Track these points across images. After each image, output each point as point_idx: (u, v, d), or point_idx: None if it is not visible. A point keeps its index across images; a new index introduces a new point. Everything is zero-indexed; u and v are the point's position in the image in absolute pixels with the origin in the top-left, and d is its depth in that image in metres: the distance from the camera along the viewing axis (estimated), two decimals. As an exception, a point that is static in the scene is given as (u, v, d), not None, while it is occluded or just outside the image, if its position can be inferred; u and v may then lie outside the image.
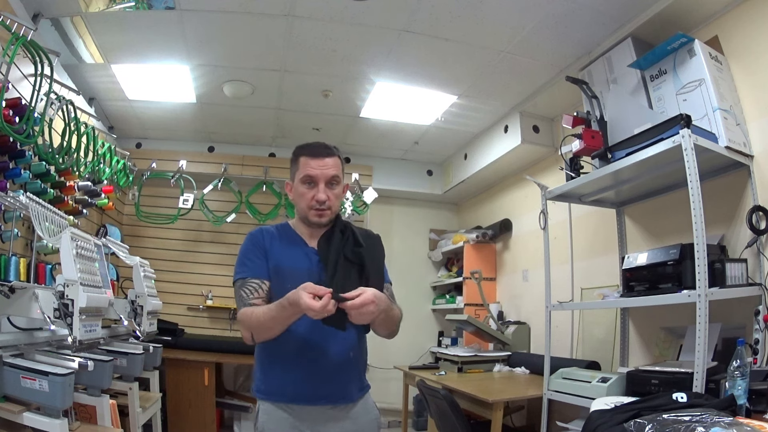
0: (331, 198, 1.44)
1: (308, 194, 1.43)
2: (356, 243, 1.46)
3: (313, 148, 1.47)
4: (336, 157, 1.47)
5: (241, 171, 4.35)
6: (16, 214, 2.09)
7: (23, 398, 1.63)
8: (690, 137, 1.79)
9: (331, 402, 1.40)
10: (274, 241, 1.47)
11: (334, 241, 1.45)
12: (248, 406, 3.83)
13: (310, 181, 1.43)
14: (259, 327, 1.34)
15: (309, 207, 1.44)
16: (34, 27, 2.07)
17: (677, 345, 2.25)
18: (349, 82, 3.31)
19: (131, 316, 2.55)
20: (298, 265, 1.42)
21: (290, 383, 1.39)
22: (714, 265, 1.83)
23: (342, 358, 1.41)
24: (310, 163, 1.43)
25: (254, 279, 1.41)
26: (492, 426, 2.45)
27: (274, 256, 1.44)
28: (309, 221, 1.47)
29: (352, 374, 1.45)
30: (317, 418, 1.39)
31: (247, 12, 2.57)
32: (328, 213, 1.45)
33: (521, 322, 3.72)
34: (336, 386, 1.41)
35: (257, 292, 1.40)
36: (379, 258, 1.50)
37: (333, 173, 1.44)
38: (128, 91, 3.48)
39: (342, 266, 1.40)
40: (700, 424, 1.25)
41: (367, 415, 1.47)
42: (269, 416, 1.39)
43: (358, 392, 1.47)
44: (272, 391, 1.41)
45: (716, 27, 2.26)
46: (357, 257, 1.42)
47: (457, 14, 2.52)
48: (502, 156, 3.76)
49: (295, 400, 1.38)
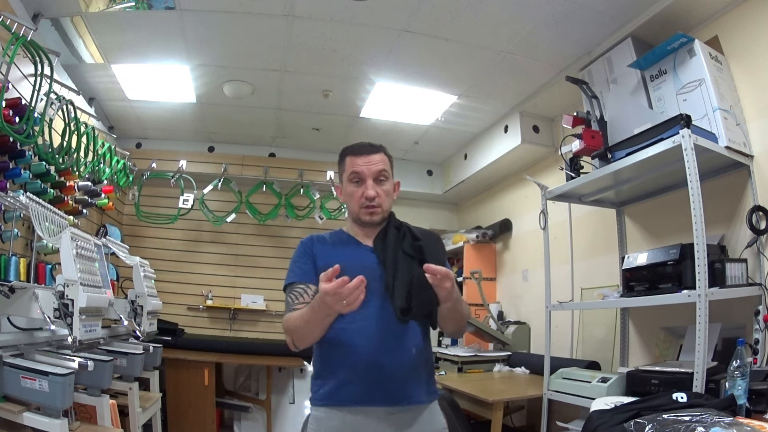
0: (381, 194, 1.39)
1: (357, 192, 1.39)
2: (414, 237, 1.40)
3: (358, 146, 1.43)
4: (382, 153, 1.43)
5: (241, 171, 4.35)
6: (16, 214, 2.09)
7: (23, 398, 1.63)
8: (690, 137, 1.79)
9: (390, 404, 1.29)
10: (325, 245, 1.43)
11: (390, 237, 1.39)
12: (248, 406, 3.84)
13: (357, 178, 1.39)
14: (295, 331, 1.30)
15: (359, 206, 1.39)
16: (34, 27, 2.07)
17: (677, 345, 2.25)
18: (349, 82, 3.31)
19: (131, 316, 2.55)
20: (350, 262, 1.27)
21: (347, 384, 1.30)
22: (714, 265, 1.83)
23: (406, 359, 1.32)
24: (356, 161, 1.40)
25: (300, 284, 1.36)
26: (492, 426, 2.45)
27: (323, 257, 1.38)
28: (361, 221, 1.42)
29: (417, 376, 1.35)
30: (374, 424, 1.28)
31: (247, 12, 2.57)
32: (379, 210, 1.39)
33: (521, 322, 3.72)
34: (398, 387, 1.30)
35: (302, 296, 1.34)
36: (439, 252, 1.43)
37: (380, 168, 1.39)
38: (128, 91, 3.48)
39: (402, 261, 1.34)
40: (700, 424, 1.25)
41: (431, 425, 1.35)
42: (319, 423, 1.32)
43: (425, 396, 1.36)
44: (328, 395, 1.33)
45: (716, 27, 2.26)
46: (417, 251, 1.35)
47: (457, 14, 2.52)
48: (502, 156, 3.76)
49: (353, 402, 1.29)
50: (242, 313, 4.38)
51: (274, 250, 4.53)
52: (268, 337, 4.22)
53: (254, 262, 4.49)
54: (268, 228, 4.48)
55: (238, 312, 4.37)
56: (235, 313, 4.36)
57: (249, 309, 4.37)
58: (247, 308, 4.36)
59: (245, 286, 4.44)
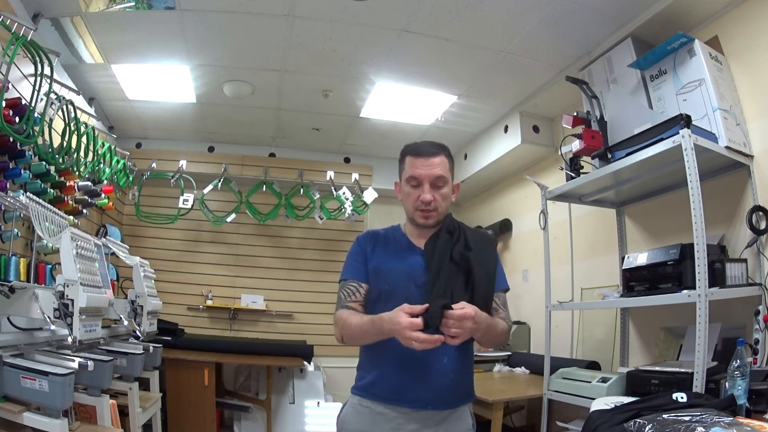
0: (437, 199, 1.41)
1: (413, 194, 1.42)
2: (466, 245, 1.42)
3: (419, 146, 1.44)
4: (443, 155, 1.44)
5: (241, 171, 4.36)
6: (16, 214, 2.09)
7: (23, 398, 1.63)
8: (690, 137, 1.79)
9: (418, 407, 1.36)
10: (378, 244, 1.48)
11: (440, 242, 1.42)
12: (248, 406, 3.83)
13: (416, 182, 1.41)
14: (350, 335, 1.37)
15: (415, 208, 1.42)
16: (34, 27, 2.07)
17: (677, 345, 2.25)
18: (349, 82, 3.31)
19: (131, 316, 2.55)
20: (397, 266, 1.40)
21: (383, 382, 1.38)
22: (714, 265, 1.83)
23: (438, 366, 1.36)
24: (415, 163, 1.42)
25: (352, 281, 1.43)
26: (492, 426, 2.45)
27: (375, 257, 1.44)
28: (416, 222, 1.45)
29: (450, 381, 1.38)
30: (402, 420, 1.36)
31: (247, 12, 2.57)
32: (434, 214, 1.42)
33: (521, 322, 3.72)
34: (428, 392, 1.36)
35: (354, 295, 1.42)
36: (489, 263, 1.44)
37: (438, 173, 1.41)
38: (128, 91, 3.48)
39: (446, 270, 1.37)
40: (700, 424, 1.25)
41: (458, 425, 1.41)
42: (354, 409, 1.42)
43: (456, 401, 1.41)
44: (365, 387, 1.42)
45: (716, 27, 2.26)
46: (464, 261, 1.38)
47: (457, 14, 2.52)
48: (502, 156, 3.76)
49: (385, 399, 1.38)
50: (242, 313, 4.39)
51: (274, 250, 4.53)
52: (268, 337, 4.22)
53: (254, 262, 4.49)
54: (268, 228, 4.49)
55: (238, 312, 4.37)
56: (235, 313, 4.37)
57: (249, 309, 4.37)
58: (247, 308, 4.37)
59: (245, 286, 4.44)
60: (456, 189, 1.50)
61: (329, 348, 4.01)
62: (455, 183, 1.50)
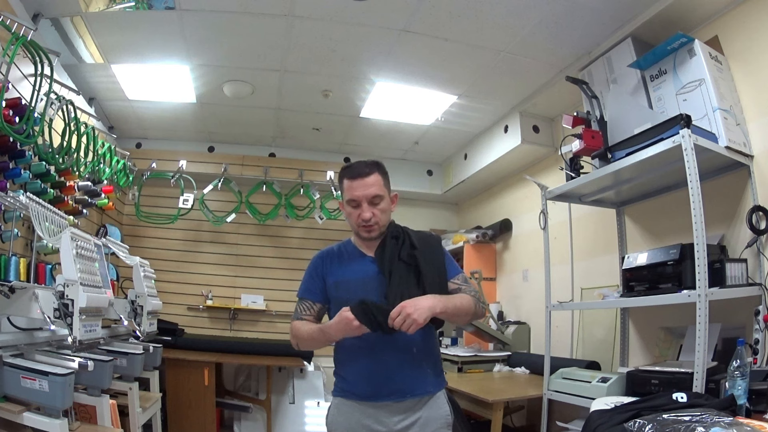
0: (377, 214, 1.54)
1: (354, 214, 1.55)
2: (411, 245, 1.57)
3: (354, 169, 1.57)
4: (376, 173, 1.55)
5: (241, 171, 4.35)
6: (16, 214, 2.09)
7: (23, 398, 1.63)
8: (690, 137, 1.79)
9: (396, 398, 1.48)
10: (334, 261, 1.62)
11: (388, 247, 1.56)
12: (248, 406, 3.83)
13: (354, 203, 1.54)
14: (303, 341, 1.57)
15: (358, 225, 1.56)
16: (34, 27, 2.07)
17: (677, 345, 2.25)
18: (349, 82, 3.31)
19: (131, 316, 2.55)
20: (354, 276, 1.56)
21: (357, 382, 1.52)
22: (714, 265, 1.83)
23: (405, 356, 1.50)
24: (352, 186, 1.54)
25: (307, 300, 1.61)
26: (492, 426, 2.45)
27: (333, 273, 1.59)
28: (361, 236, 1.59)
29: (419, 370, 1.52)
30: (382, 413, 1.48)
31: (247, 12, 2.57)
32: (375, 227, 1.55)
33: (521, 322, 3.72)
34: (401, 383, 1.49)
35: (308, 310, 1.60)
36: (436, 258, 1.58)
37: (374, 192, 1.53)
38: (128, 91, 3.48)
39: (397, 269, 1.51)
40: (700, 424, 1.26)
41: (434, 411, 1.52)
42: (338, 410, 1.55)
43: (431, 387, 1.54)
44: (344, 389, 1.55)
45: (716, 27, 2.26)
46: (412, 259, 1.53)
47: (457, 14, 2.52)
48: (502, 156, 3.76)
49: (363, 398, 1.50)
50: (242, 313, 4.39)
51: (274, 250, 4.53)
52: (268, 337, 4.22)
53: (254, 262, 4.49)
54: (268, 228, 4.49)
55: (238, 312, 4.37)
56: (235, 313, 4.37)
57: (249, 309, 4.37)
58: (247, 308, 4.36)
59: (245, 286, 4.44)
60: (395, 199, 1.63)
61: (329, 348, 4.01)
62: (393, 194, 1.63)
